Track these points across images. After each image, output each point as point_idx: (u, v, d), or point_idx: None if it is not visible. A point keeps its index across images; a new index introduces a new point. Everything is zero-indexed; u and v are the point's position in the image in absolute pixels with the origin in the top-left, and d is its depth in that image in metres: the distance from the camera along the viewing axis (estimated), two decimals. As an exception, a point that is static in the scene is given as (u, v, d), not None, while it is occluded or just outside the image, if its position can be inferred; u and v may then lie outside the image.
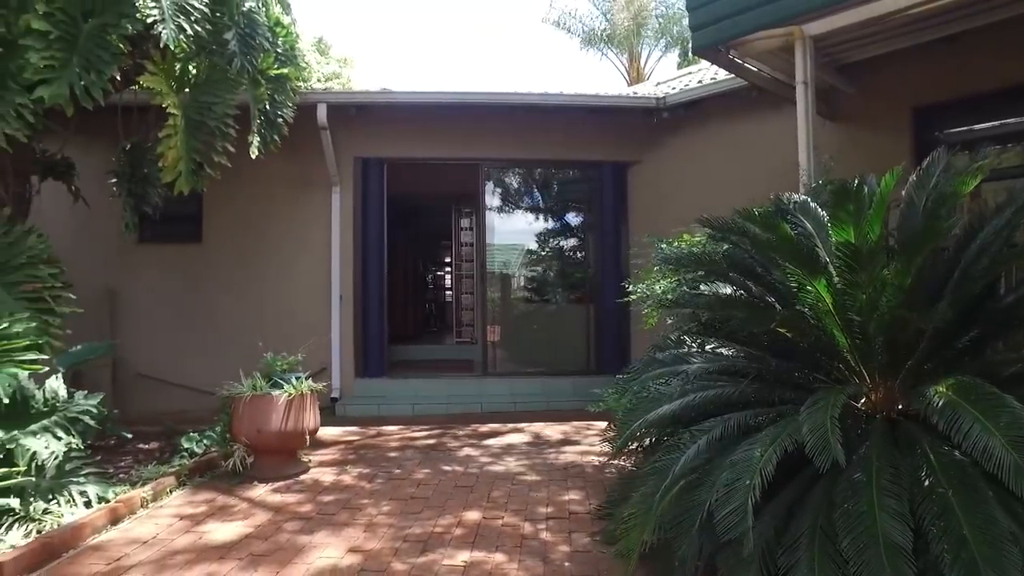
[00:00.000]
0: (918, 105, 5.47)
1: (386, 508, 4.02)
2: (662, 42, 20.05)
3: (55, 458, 3.77)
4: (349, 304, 7.37)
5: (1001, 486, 2.05)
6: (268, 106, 5.52)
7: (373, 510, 3.98)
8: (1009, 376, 2.61)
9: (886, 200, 2.75)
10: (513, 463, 5.09)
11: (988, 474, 2.09)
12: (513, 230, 8.61)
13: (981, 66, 5.03)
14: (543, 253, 8.79)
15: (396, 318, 8.00)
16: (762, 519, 2.39)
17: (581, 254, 8.80)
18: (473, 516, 3.88)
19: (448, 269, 12.45)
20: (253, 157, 5.22)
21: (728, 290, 3.69)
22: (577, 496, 4.25)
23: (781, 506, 2.53)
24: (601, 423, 6.26)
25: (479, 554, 3.33)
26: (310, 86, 7.59)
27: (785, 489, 2.56)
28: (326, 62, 14.17)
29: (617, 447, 3.36)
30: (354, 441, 5.86)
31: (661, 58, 20.38)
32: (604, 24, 20.06)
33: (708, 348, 3.74)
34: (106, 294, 7.20)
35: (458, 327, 10.66)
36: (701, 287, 3.84)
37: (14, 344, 3.70)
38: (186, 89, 4.98)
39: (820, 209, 3.18)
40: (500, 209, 8.48)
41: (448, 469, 4.90)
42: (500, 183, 8.59)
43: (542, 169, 8.63)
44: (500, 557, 3.29)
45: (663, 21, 19.42)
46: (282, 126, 5.74)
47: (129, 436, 5.12)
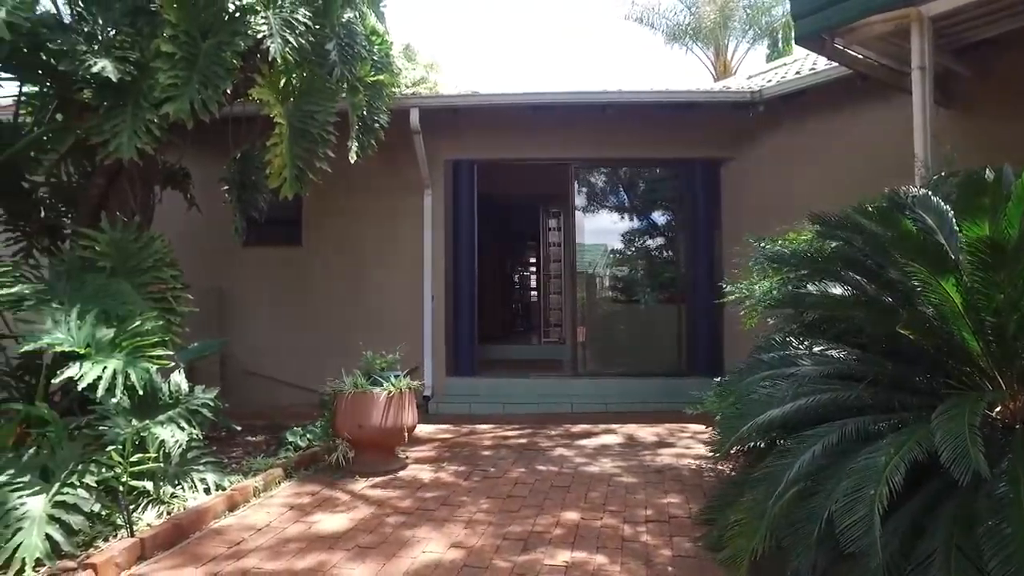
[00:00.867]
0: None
1: (484, 506, 4.07)
2: (749, 34, 19.37)
3: (179, 447, 4.03)
4: (440, 304, 7.52)
5: None
6: (365, 112, 5.71)
7: (472, 507, 4.05)
8: None
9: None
10: (608, 464, 5.05)
11: None
12: (601, 229, 8.55)
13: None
14: (631, 253, 8.69)
15: (485, 318, 8.10)
16: (885, 532, 2.27)
17: (671, 253, 8.64)
18: (571, 516, 3.87)
19: (533, 269, 12.49)
20: (352, 162, 5.41)
21: (838, 290, 3.53)
22: (676, 499, 4.17)
23: (904, 519, 2.39)
24: (695, 426, 6.14)
25: (580, 555, 3.32)
26: (402, 92, 7.80)
27: (909, 502, 2.42)
28: (412, 68, 14.47)
29: (722, 451, 3.28)
30: (448, 439, 5.98)
31: (748, 51, 19.71)
32: (689, 18, 19.58)
33: (816, 350, 3.59)
34: (215, 294, 7.64)
35: (545, 327, 10.69)
36: (808, 287, 3.69)
37: (146, 341, 4.00)
38: (290, 99, 5.21)
39: (943, 203, 2.99)
40: (589, 209, 8.44)
41: (543, 469, 4.92)
42: (589, 183, 8.56)
43: (631, 168, 8.55)
44: (602, 559, 3.27)
45: (751, 12, 18.74)
46: (378, 131, 5.93)
47: (238, 429, 5.41)
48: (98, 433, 3.81)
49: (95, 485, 3.54)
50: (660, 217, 8.79)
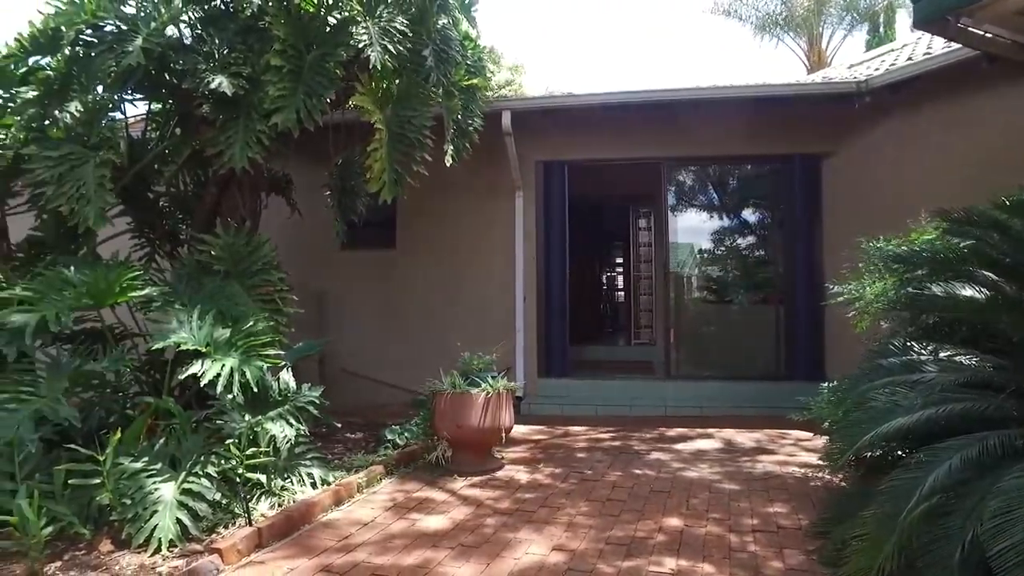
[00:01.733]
0: None
1: (584, 509, 4.04)
2: (847, 20, 18.44)
3: (287, 442, 4.22)
4: (532, 305, 7.54)
5: None
6: (460, 116, 5.79)
7: (571, 510, 4.03)
8: None
9: None
10: (707, 470, 4.91)
11: None
12: (691, 228, 8.33)
13: None
14: (722, 252, 8.42)
15: (575, 319, 8.04)
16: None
17: (765, 252, 8.32)
18: (674, 522, 3.79)
19: (620, 269, 12.33)
20: (448, 165, 5.49)
21: (968, 291, 3.28)
22: (783, 509, 4.00)
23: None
24: (797, 432, 5.89)
25: (685, 563, 3.24)
26: (494, 94, 7.87)
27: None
28: (498, 70, 14.67)
29: (839, 461, 3.11)
30: (541, 440, 5.98)
31: (845, 39, 18.76)
32: (780, 7, 18.84)
33: (943, 356, 3.36)
34: (313, 295, 7.95)
35: (636, 328, 10.54)
36: (932, 288, 3.45)
37: (258, 340, 4.21)
38: (388, 105, 5.35)
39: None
40: (678, 208, 8.24)
41: (640, 473, 4.84)
42: (680, 181, 8.36)
43: (725, 165, 8.28)
44: (709, 568, 3.18)
45: (849, -2, 17.85)
46: (472, 134, 6.01)
47: (338, 426, 5.61)
48: (216, 427, 4.04)
49: (215, 475, 3.76)
50: (754, 215, 8.48)
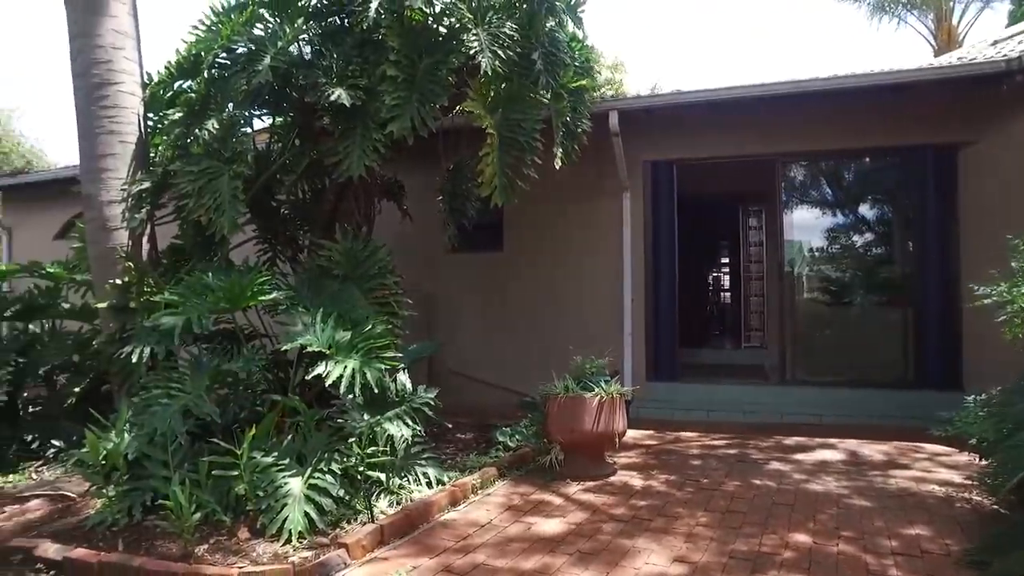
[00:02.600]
0: None
1: (703, 519, 3.91)
2: (981, -7, 16.92)
3: (404, 442, 4.34)
4: (640, 307, 7.39)
5: None
6: (569, 118, 5.76)
7: (690, 520, 3.90)
8: None
9: None
10: (832, 483, 4.62)
11: None
12: (804, 226, 7.87)
13: None
14: (838, 250, 7.91)
15: (682, 321, 7.81)
16: None
17: (891, 251, 7.75)
18: (801, 539, 3.58)
19: (726, 270, 11.89)
20: (557, 168, 5.46)
21: None
22: (925, 531, 3.69)
23: None
24: (932, 446, 5.47)
25: (818, 583, 3.06)
26: (601, 95, 7.78)
27: None
28: (598, 70, 14.50)
29: (1004, 485, 2.82)
30: (652, 445, 5.85)
31: (978, 15, 17.23)
32: (903, -17, 17.58)
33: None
34: (424, 299, 8.16)
35: (746, 331, 10.12)
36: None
37: (377, 343, 4.35)
38: (498, 110, 5.38)
39: None
40: (794, 205, 7.83)
41: (759, 483, 4.63)
42: (789, 178, 7.94)
43: (842, 160, 7.78)
44: (846, 591, 2.99)
45: (986, -35, 16.38)
46: (581, 136, 5.96)
47: (449, 426, 5.72)
48: (338, 425, 4.21)
49: (338, 472, 3.92)
50: (875, 211, 7.92)
